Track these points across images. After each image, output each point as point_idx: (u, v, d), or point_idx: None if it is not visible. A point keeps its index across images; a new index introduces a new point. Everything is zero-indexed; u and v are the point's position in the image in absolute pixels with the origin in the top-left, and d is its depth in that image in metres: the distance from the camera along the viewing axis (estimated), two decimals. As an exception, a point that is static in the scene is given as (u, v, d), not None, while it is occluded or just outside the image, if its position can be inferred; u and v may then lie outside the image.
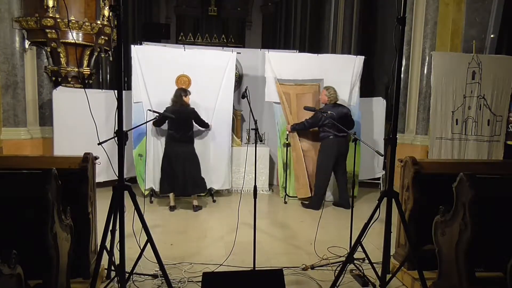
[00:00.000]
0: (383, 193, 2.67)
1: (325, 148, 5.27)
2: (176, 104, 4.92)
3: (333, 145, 5.19)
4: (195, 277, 3.08)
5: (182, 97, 4.92)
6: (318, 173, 5.35)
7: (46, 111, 6.01)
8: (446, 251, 2.66)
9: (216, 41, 15.42)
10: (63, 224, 2.40)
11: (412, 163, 3.10)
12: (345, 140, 5.25)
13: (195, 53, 5.62)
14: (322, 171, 5.30)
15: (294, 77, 5.72)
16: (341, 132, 5.10)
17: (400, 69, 2.66)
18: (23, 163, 2.85)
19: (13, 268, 1.72)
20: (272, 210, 5.35)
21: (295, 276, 3.21)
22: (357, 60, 5.84)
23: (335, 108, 5.22)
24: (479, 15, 5.83)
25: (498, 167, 3.51)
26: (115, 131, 2.32)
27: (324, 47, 9.74)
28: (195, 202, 5.08)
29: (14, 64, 5.58)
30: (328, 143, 5.22)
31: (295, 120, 5.65)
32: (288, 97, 5.71)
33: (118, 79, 2.37)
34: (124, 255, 2.43)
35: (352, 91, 5.79)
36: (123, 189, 2.40)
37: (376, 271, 2.84)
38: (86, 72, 6.07)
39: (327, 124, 5.18)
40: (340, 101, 5.43)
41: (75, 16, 5.53)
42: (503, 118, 5.61)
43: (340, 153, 5.23)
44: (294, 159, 5.65)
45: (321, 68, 5.77)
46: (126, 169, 3.27)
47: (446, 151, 5.56)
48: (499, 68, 5.51)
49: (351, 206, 3.62)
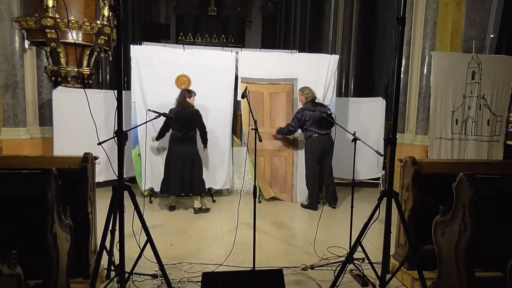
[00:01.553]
0: (383, 193, 2.67)
1: (309, 146, 5.34)
2: (179, 105, 4.90)
3: (318, 142, 5.24)
4: (195, 277, 3.08)
5: (186, 98, 4.89)
6: (306, 172, 5.43)
7: (46, 111, 6.01)
8: (446, 251, 2.66)
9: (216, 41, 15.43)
10: (63, 224, 2.40)
11: (411, 163, 3.10)
12: (328, 138, 5.29)
13: (195, 53, 5.62)
14: (309, 170, 5.36)
15: (267, 76, 5.70)
16: (323, 129, 5.16)
17: (400, 69, 2.66)
18: (23, 163, 2.85)
19: (13, 268, 1.71)
20: (272, 210, 5.34)
21: (295, 276, 3.21)
22: (332, 59, 5.81)
23: (315, 106, 5.25)
24: (479, 15, 5.83)
25: (498, 167, 3.51)
26: (115, 131, 2.32)
27: (324, 47, 9.75)
28: (196, 204, 5.01)
29: (14, 64, 5.57)
30: (312, 141, 5.27)
31: (267, 119, 5.67)
32: (261, 96, 5.71)
33: (118, 79, 2.37)
34: (123, 255, 2.43)
35: (327, 91, 5.76)
36: (123, 189, 2.40)
37: (376, 271, 2.84)
38: (86, 72, 6.07)
39: (306, 123, 5.21)
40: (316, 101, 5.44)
41: (75, 16, 5.53)
42: (503, 118, 5.61)
43: (324, 150, 5.26)
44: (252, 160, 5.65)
45: (294, 67, 5.74)
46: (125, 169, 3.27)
47: (446, 151, 5.55)
48: (499, 68, 5.51)
49: (351, 206, 3.62)
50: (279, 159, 5.76)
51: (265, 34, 16.16)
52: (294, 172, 5.75)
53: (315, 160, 5.28)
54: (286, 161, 5.76)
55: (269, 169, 5.75)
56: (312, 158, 5.30)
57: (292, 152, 5.76)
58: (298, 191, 5.73)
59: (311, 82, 5.56)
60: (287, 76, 5.73)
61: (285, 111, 5.76)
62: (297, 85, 5.68)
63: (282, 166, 5.77)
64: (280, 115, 5.76)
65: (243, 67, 5.65)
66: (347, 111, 6.48)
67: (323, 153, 5.26)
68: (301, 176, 5.66)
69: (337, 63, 5.84)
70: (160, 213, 4.99)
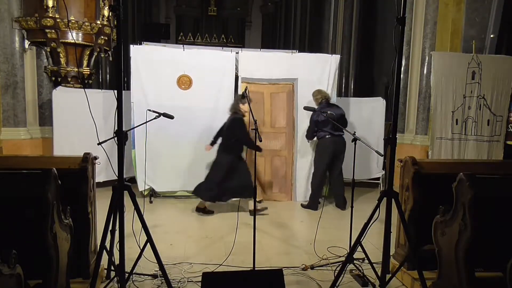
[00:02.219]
0: (383, 193, 2.67)
1: (320, 147, 5.29)
2: (231, 110, 4.75)
3: (329, 144, 5.18)
4: (195, 277, 3.08)
5: (238, 103, 4.72)
6: (314, 171, 5.39)
7: (45, 111, 6.01)
8: (446, 251, 2.66)
9: (216, 41, 15.43)
10: (63, 224, 2.40)
11: (411, 163, 3.10)
12: (341, 139, 5.24)
13: (195, 53, 5.62)
14: (317, 170, 5.32)
15: (267, 76, 5.69)
16: (337, 131, 5.11)
17: (400, 69, 2.66)
18: (23, 163, 2.85)
19: (13, 268, 1.72)
20: (272, 210, 5.34)
21: (295, 276, 3.21)
22: (332, 59, 5.79)
23: (330, 107, 5.20)
24: (479, 15, 5.83)
25: (498, 167, 3.51)
26: (115, 131, 2.32)
27: (324, 47, 9.75)
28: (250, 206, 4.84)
29: (14, 64, 5.58)
30: (325, 142, 5.22)
31: (267, 119, 5.67)
32: (261, 96, 5.71)
33: (118, 79, 2.37)
34: (123, 255, 2.43)
35: (328, 91, 5.71)
36: (123, 189, 2.40)
37: (376, 271, 2.84)
38: (85, 72, 6.07)
39: (321, 123, 5.17)
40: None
41: (75, 16, 5.53)
42: (503, 118, 5.61)
43: (336, 152, 5.21)
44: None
45: (295, 67, 5.72)
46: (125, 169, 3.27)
47: (446, 151, 5.56)
48: (499, 68, 5.51)
49: (351, 206, 3.62)
50: (279, 159, 5.77)
51: (265, 34, 16.16)
52: (294, 172, 5.75)
53: (326, 161, 5.21)
54: (286, 161, 5.77)
55: (269, 169, 5.76)
56: (322, 159, 5.23)
57: (292, 152, 5.76)
58: (298, 190, 5.73)
59: (311, 82, 5.56)
60: (287, 76, 5.72)
61: (286, 111, 5.76)
62: (297, 85, 5.68)
63: (282, 166, 5.78)
64: (281, 115, 5.76)
65: (243, 67, 5.64)
66: (347, 111, 6.47)
67: (335, 154, 5.21)
68: (301, 176, 5.66)
69: (338, 63, 5.83)
70: (160, 213, 4.99)
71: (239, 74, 5.66)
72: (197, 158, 5.53)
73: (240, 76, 5.65)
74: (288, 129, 5.76)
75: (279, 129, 5.77)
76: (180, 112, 4.90)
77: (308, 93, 5.46)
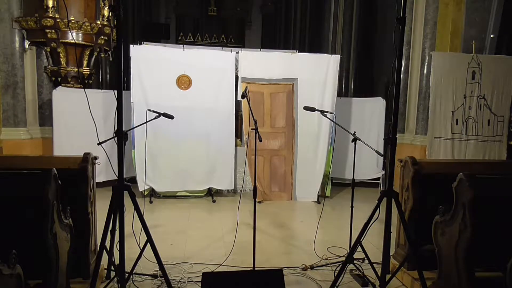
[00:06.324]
0: (383, 193, 2.67)
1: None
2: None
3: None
4: (195, 277, 3.08)
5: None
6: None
7: (45, 111, 6.01)
8: (446, 251, 2.65)
9: (216, 41, 15.40)
10: (63, 224, 2.40)
11: (411, 163, 3.10)
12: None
13: (195, 53, 5.62)
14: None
15: (267, 76, 5.69)
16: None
17: (399, 69, 2.66)
18: (23, 163, 2.85)
19: (13, 268, 1.72)
20: (272, 210, 5.34)
21: (295, 276, 3.21)
22: (333, 59, 5.79)
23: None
24: (478, 15, 5.83)
25: (498, 167, 3.51)
26: (115, 131, 2.32)
27: (324, 47, 9.74)
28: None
29: (14, 64, 5.58)
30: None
31: (267, 119, 5.67)
32: (262, 96, 5.71)
33: (118, 79, 2.37)
34: (123, 255, 2.42)
35: (326, 91, 5.73)
36: (123, 189, 2.40)
37: (376, 271, 2.84)
38: (85, 72, 6.07)
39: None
40: (314, 100, 5.40)
41: (75, 16, 5.53)
42: (505, 118, 5.60)
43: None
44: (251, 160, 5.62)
45: (295, 67, 5.73)
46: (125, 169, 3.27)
47: (445, 151, 5.55)
48: (499, 68, 5.51)
49: (351, 206, 3.62)
50: (278, 159, 5.76)
51: (265, 34, 16.14)
52: (294, 171, 5.75)
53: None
54: (285, 160, 5.76)
55: (269, 168, 5.76)
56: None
57: (291, 151, 5.76)
58: (298, 190, 5.72)
59: (311, 82, 5.56)
60: (287, 76, 5.73)
61: (285, 111, 5.77)
62: (297, 85, 5.68)
63: (282, 165, 5.77)
64: (280, 115, 5.76)
65: (243, 67, 5.65)
66: (347, 111, 6.48)
67: None
68: (301, 175, 5.65)
69: (338, 63, 5.83)
70: (160, 213, 4.99)
71: (239, 74, 5.66)
72: (197, 158, 5.53)
73: (240, 76, 5.65)
74: (287, 129, 5.76)
75: (278, 129, 5.77)
76: (180, 112, 4.91)
77: (308, 93, 5.46)
